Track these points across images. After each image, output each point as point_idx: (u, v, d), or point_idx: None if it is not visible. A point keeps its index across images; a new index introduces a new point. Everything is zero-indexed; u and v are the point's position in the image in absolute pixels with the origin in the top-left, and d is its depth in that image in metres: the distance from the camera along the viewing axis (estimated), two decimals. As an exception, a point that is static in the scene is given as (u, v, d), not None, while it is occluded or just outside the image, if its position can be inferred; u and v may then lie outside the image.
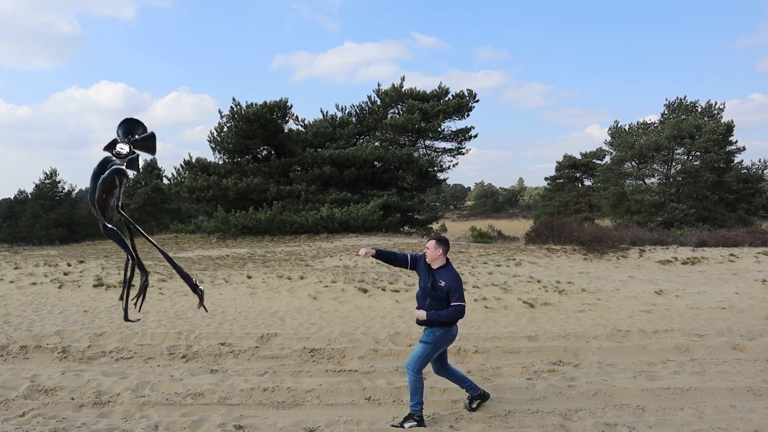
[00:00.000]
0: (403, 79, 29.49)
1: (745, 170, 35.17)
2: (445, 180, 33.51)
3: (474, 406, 4.88)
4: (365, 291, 10.24)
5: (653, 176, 33.35)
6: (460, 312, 4.48)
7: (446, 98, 29.12)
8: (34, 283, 10.75)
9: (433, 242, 4.62)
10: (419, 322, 4.64)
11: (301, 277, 11.34)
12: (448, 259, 4.68)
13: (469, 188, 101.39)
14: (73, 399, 5.16)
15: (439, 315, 4.49)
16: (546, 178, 50.28)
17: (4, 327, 7.67)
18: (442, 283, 4.49)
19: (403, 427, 4.51)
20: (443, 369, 4.88)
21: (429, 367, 4.87)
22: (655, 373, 5.95)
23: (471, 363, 6.41)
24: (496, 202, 76.15)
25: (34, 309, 8.96)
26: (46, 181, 43.68)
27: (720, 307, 9.37)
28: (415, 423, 4.53)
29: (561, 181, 47.74)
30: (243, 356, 6.62)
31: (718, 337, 7.33)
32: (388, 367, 6.19)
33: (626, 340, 7.27)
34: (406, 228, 27.83)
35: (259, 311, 9.08)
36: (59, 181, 44.13)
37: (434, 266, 4.62)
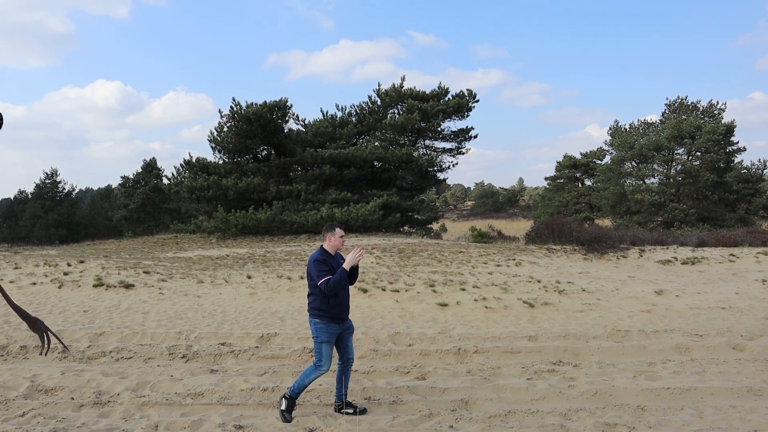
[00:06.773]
0: (403, 78, 29.54)
1: (746, 170, 35.15)
2: (445, 180, 33.50)
3: (347, 410, 4.79)
4: (365, 291, 10.24)
5: (653, 176, 33.31)
6: (325, 286, 4.61)
7: (446, 98, 29.11)
8: (34, 283, 10.75)
9: (341, 230, 4.85)
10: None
11: (301, 277, 11.34)
12: None
13: (469, 188, 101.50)
14: (73, 399, 5.15)
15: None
16: (546, 178, 50.36)
17: (4, 327, 7.67)
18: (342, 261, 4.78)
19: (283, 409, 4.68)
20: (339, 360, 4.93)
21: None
22: (655, 373, 5.95)
23: (471, 363, 6.41)
24: (496, 202, 76.22)
25: (34, 309, 8.96)
26: (47, 181, 43.72)
27: (720, 307, 9.37)
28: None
29: (561, 181, 47.76)
30: (243, 356, 6.62)
31: (718, 337, 7.33)
32: (387, 367, 6.19)
33: (626, 340, 7.27)
34: (406, 228, 27.82)
35: (259, 311, 9.08)
36: (59, 181, 44.19)
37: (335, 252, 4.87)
